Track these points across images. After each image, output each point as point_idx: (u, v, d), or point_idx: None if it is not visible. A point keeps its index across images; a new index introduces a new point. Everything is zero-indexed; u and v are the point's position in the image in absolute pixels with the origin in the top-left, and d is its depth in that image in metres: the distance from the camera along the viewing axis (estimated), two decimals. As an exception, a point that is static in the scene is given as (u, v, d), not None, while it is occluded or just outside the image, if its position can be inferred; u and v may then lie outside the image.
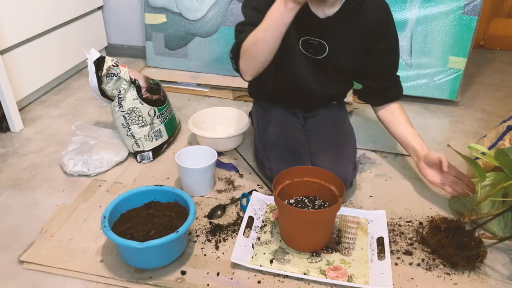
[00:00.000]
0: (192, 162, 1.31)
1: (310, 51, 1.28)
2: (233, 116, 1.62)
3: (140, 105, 1.41)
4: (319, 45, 1.26)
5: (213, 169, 1.31)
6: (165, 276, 1.02)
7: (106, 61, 1.36)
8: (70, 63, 2.05)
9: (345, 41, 1.25)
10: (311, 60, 1.29)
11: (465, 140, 1.67)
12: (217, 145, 1.46)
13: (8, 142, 1.58)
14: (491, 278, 1.04)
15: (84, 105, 1.86)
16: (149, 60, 2.19)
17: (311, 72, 1.32)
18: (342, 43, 1.25)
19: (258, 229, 1.17)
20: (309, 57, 1.29)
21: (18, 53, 1.70)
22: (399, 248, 1.12)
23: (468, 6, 1.75)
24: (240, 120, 1.59)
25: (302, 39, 1.26)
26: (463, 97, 2.01)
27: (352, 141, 1.38)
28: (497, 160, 1.05)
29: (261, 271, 1.04)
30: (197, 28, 2.04)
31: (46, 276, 1.03)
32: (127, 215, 1.11)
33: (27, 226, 1.18)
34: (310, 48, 1.27)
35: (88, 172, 1.38)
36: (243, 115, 1.59)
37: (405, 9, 1.80)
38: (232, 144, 1.52)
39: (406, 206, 1.29)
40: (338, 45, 1.26)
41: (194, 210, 1.06)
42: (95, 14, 2.21)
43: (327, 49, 1.26)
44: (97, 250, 1.10)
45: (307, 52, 1.28)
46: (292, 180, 1.17)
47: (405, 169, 1.47)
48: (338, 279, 1.01)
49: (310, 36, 1.25)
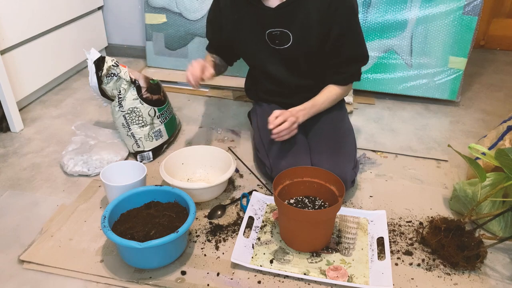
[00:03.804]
0: (121, 178, 1.23)
1: (276, 43, 1.31)
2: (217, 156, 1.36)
3: (140, 105, 1.41)
4: (282, 35, 1.28)
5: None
6: (165, 276, 1.02)
7: (106, 61, 1.36)
8: (70, 63, 2.05)
9: (304, 25, 1.26)
10: (280, 51, 1.32)
11: (465, 140, 1.67)
12: (193, 195, 1.19)
13: (8, 142, 1.58)
14: (491, 279, 1.04)
15: (84, 105, 1.86)
16: (149, 60, 2.19)
17: (282, 64, 1.36)
18: (301, 28, 1.26)
19: (258, 229, 1.17)
20: (277, 49, 1.32)
21: (18, 53, 1.70)
22: (399, 248, 1.12)
23: (468, 6, 1.75)
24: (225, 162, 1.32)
25: (267, 32, 1.29)
26: (463, 97, 2.01)
27: (352, 140, 1.38)
28: (497, 160, 1.05)
29: (261, 271, 1.04)
30: (197, 28, 2.04)
31: (46, 276, 1.03)
32: (127, 215, 1.11)
33: (27, 226, 1.18)
34: (275, 40, 1.30)
35: (88, 172, 1.38)
36: (227, 156, 1.33)
37: (405, 9, 1.80)
38: (212, 194, 1.27)
39: (406, 206, 1.29)
40: (299, 30, 1.27)
41: (194, 210, 1.06)
42: (95, 14, 2.21)
43: (291, 38, 1.28)
44: (97, 250, 1.10)
45: (274, 45, 1.31)
46: (292, 180, 1.17)
47: (405, 169, 1.47)
48: (338, 279, 1.01)
49: (272, 28, 1.28)
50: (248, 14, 1.31)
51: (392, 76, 1.91)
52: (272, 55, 1.35)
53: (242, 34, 1.36)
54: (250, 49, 1.38)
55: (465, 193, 1.20)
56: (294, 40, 1.28)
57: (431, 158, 1.53)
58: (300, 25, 1.26)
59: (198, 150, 1.38)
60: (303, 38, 1.28)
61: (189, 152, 1.38)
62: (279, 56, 1.34)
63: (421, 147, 1.60)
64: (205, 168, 1.39)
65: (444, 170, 1.47)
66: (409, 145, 1.62)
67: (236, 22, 1.34)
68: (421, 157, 1.54)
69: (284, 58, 1.34)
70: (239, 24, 1.34)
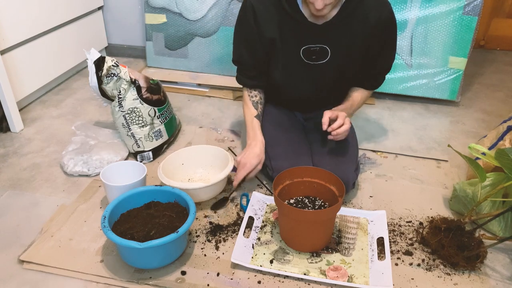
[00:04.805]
0: (121, 178, 1.23)
1: (313, 58, 1.28)
2: (217, 156, 1.36)
3: (140, 105, 1.41)
4: (320, 50, 1.26)
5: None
6: (165, 276, 1.02)
7: (106, 61, 1.36)
8: (70, 63, 2.05)
9: (347, 42, 1.25)
10: (312, 67, 1.29)
11: (465, 140, 1.67)
12: (192, 195, 1.17)
13: (8, 142, 1.58)
14: (491, 279, 1.04)
15: (84, 105, 1.86)
16: (149, 60, 2.19)
17: (310, 80, 1.33)
18: (343, 45, 1.25)
19: (258, 229, 1.17)
20: (311, 64, 1.29)
21: (18, 53, 1.70)
22: (399, 248, 1.12)
23: (468, 6, 1.75)
24: (225, 162, 1.31)
25: (303, 48, 1.26)
26: (463, 97, 2.01)
27: (354, 142, 1.38)
28: (497, 160, 1.05)
29: (261, 271, 1.04)
30: (197, 28, 2.04)
31: (46, 276, 1.03)
32: (127, 215, 1.11)
33: (27, 226, 1.18)
34: (312, 55, 1.27)
35: (88, 172, 1.38)
36: (227, 156, 1.32)
37: (405, 9, 1.80)
38: (210, 194, 1.27)
39: (406, 206, 1.28)
40: (340, 47, 1.25)
41: (194, 210, 1.06)
42: (95, 14, 2.21)
43: (329, 53, 1.26)
44: (97, 250, 1.10)
45: (309, 60, 1.28)
46: (292, 180, 1.16)
47: (405, 169, 1.47)
48: (338, 279, 1.01)
49: (311, 44, 1.25)
50: (289, 30, 1.24)
51: (392, 76, 1.91)
52: (302, 70, 1.30)
53: (281, 51, 1.28)
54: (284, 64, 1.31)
55: (465, 193, 1.20)
56: (332, 55, 1.26)
57: (431, 158, 1.53)
58: (342, 41, 1.25)
59: (198, 150, 1.38)
60: (342, 53, 1.26)
61: (189, 152, 1.37)
62: (309, 71, 1.30)
63: (421, 147, 1.60)
64: (205, 168, 1.38)
65: (444, 170, 1.47)
66: (409, 145, 1.62)
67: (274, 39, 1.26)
68: (421, 157, 1.54)
69: (314, 72, 1.30)
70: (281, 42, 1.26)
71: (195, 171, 1.38)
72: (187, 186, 1.20)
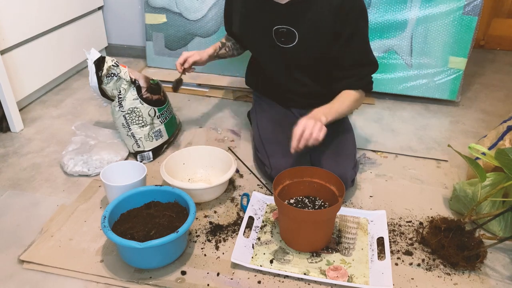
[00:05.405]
0: (121, 178, 1.23)
1: (282, 40, 1.30)
2: (217, 156, 1.36)
3: (140, 105, 1.41)
4: (288, 33, 1.27)
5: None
6: (165, 276, 1.02)
7: (106, 61, 1.36)
8: (70, 63, 2.05)
9: (313, 25, 1.25)
10: (282, 50, 1.31)
11: (465, 140, 1.67)
12: (193, 195, 1.18)
13: (8, 142, 1.58)
14: (491, 279, 1.04)
15: (84, 105, 1.86)
16: (149, 60, 2.19)
17: (282, 65, 1.36)
18: (310, 28, 1.25)
19: (258, 229, 1.17)
20: (281, 47, 1.31)
21: (18, 53, 1.70)
22: (399, 248, 1.12)
23: (468, 6, 1.75)
24: (225, 162, 1.32)
25: (274, 28, 1.29)
26: (463, 97, 2.01)
27: (351, 140, 1.38)
28: (497, 160, 1.05)
29: (261, 271, 1.04)
30: (197, 28, 2.04)
31: (46, 276, 1.03)
32: (127, 215, 1.11)
33: (27, 226, 1.18)
34: (282, 37, 1.29)
35: (88, 172, 1.38)
36: (228, 156, 1.33)
37: (405, 9, 1.80)
38: (212, 195, 1.27)
39: (406, 206, 1.28)
40: (307, 31, 1.26)
41: (194, 210, 1.06)
42: (95, 14, 2.20)
43: (297, 36, 1.27)
44: (97, 250, 1.10)
45: (279, 43, 1.31)
46: (292, 180, 1.16)
47: (405, 169, 1.47)
48: (338, 279, 1.01)
49: (279, 25, 1.28)
50: (257, 8, 1.31)
51: (392, 76, 1.91)
52: (276, 53, 1.34)
53: (250, 28, 1.36)
54: (257, 44, 1.39)
55: (465, 193, 1.20)
56: (299, 39, 1.27)
57: (431, 158, 1.53)
58: (308, 24, 1.25)
59: (198, 150, 1.38)
60: (309, 38, 1.27)
61: (189, 152, 1.37)
62: (282, 56, 1.33)
63: (421, 147, 1.60)
64: (205, 168, 1.38)
65: (444, 170, 1.47)
66: (409, 145, 1.62)
67: (244, 15, 1.35)
68: (421, 157, 1.54)
69: (287, 57, 1.33)
70: (247, 18, 1.34)
71: (195, 172, 1.38)
72: (192, 186, 1.21)
